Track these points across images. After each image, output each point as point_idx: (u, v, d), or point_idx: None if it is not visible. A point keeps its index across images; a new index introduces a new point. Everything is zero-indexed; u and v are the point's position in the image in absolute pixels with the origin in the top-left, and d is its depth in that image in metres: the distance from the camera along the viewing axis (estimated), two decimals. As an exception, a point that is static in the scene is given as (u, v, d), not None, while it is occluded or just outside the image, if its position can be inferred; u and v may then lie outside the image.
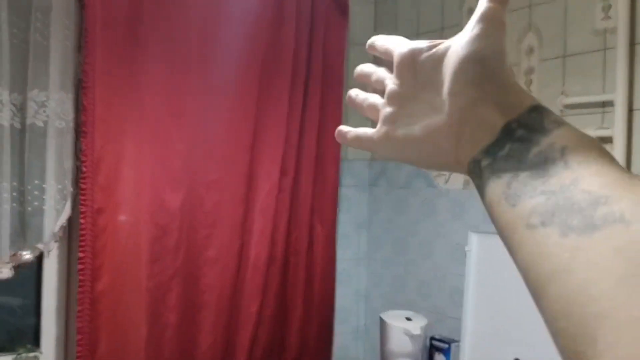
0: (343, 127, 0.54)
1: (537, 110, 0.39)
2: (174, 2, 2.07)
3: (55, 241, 2.04)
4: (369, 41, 0.52)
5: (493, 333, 2.01)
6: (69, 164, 2.05)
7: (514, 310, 1.96)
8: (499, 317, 2.02)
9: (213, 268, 2.15)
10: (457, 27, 2.09)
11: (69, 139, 2.04)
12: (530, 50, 2.01)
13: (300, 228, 2.37)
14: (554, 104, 1.91)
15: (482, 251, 2.09)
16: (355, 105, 0.53)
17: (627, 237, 0.31)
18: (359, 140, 0.52)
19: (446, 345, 2.16)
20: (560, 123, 0.38)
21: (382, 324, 2.19)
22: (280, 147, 2.28)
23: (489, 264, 2.07)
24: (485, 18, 0.42)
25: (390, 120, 0.48)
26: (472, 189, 2.18)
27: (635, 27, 1.72)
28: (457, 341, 2.13)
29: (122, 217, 2.00)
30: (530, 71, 2.01)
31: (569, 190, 0.34)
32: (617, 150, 1.71)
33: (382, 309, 2.37)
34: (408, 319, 2.19)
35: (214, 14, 2.13)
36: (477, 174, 0.40)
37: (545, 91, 1.95)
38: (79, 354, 1.94)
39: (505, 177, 0.38)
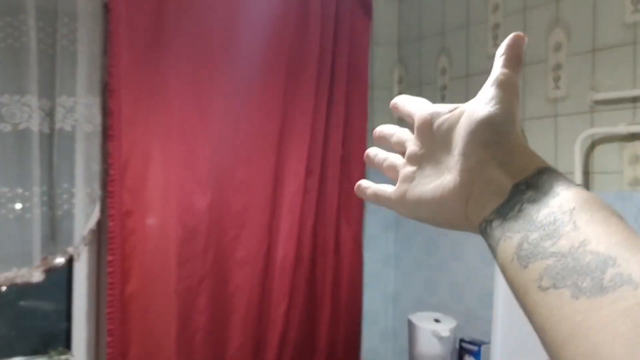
0: (363, 182, 0.56)
1: (546, 172, 0.41)
2: (198, 4, 2.08)
3: (85, 245, 2.06)
4: (392, 101, 0.55)
5: (523, 334, 1.97)
6: (96, 167, 2.06)
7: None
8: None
9: (242, 270, 2.15)
10: (483, 25, 2.08)
11: (97, 142, 2.06)
12: (558, 46, 1.97)
13: (327, 228, 2.35)
14: (584, 100, 1.87)
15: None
16: (374, 164, 0.55)
17: (634, 299, 0.32)
18: (377, 198, 0.54)
19: (476, 348, 2.13)
20: (568, 185, 0.39)
21: (411, 325, 2.17)
22: (305, 147, 2.27)
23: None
24: (498, 83, 0.44)
25: (408, 180, 0.50)
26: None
27: (668, 18, 1.68)
28: (488, 343, 2.10)
29: (151, 220, 2.01)
30: (558, 67, 1.97)
31: (578, 252, 0.35)
32: (651, 145, 1.67)
33: (412, 310, 2.35)
34: (437, 320, 2.16)
35: (239, 15, 2.14)
36: (489, 235, 0.41)
37: (574, 87, 1.91)
38: (109, 357, 1.96)
39: (516, 238, 0.39)
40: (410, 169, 0.50)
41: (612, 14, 1.81)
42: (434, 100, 2.01)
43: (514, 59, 0.45)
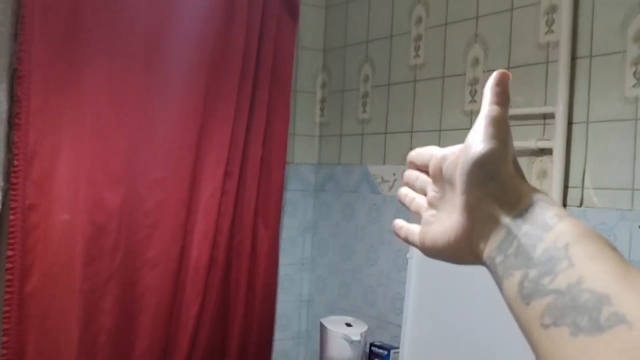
0: (398, 222, 0.59)
1: (539, 205, 0.42)
2: (119, -6, 2.01)
3: (-17, 238, 1.94)
4: (408, 158, 0.59)
5: (432, 340, 2.02)
6: (1, 156, 1.95)
7: (454, 318, 1.97)
8: (438, 324, 2.03)
9: (153, 270, 2.08)
10: (406, 36, 2.11)
11: (1, 130, 1.95)
12: (476, 61, 2.04)
13: (243, 231, 2.33)
14: (498, 115, 1.94)
15: (423, 259, 2.09)
16: (404, 203, 0.59)
17: (629, 340, 0.33)
18: (408, 240, 0.57)
19: (385, 352, 2.16)
20: (561, 217, 0.41)
21: (322, 329, 2.17)
22: (225, 148, 2.24)
23: (429, 272, 2.08)
24: (489, 120, 0.46)
25: (427, 224, 0.53)
26: (416, 196, 2.19)
27: (577, 41, 1.77)
28: (397, 348, 2.13)
29: (56, 215, 1.92)
30: (475, 81, 2.03)
31: (575, 289, 0.36)
32: (556, 161, 1.75)
33: (325, 315, 2.35)
34: (348, 324, 2.18)
35: (162, 10, 2.08)
36: (494, 271, 0.44)
37: (489, 101, 1.97)
38: (4, 358, 1.84)
39: (517, 275, 0.41)
40: (430, 212, 0.53)
41: (528, 33, 1.89)
42: (355, 108, 2.04)
43: (502, 95, 0.47)
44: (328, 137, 2.62)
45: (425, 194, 0.56)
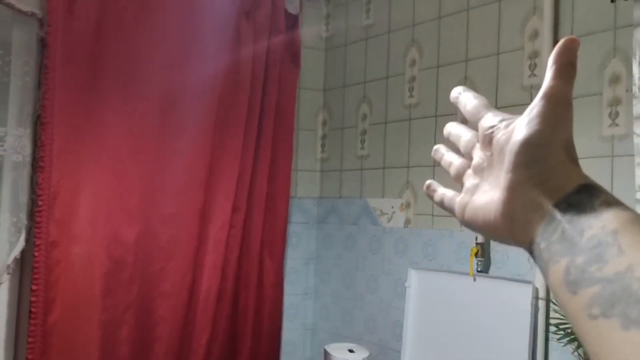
0: (433, 184, 0.55)
1: (586, 189, 0.40)
2: (136, 43, 2.17)
3: (8, 273, 2.07)
4: (454, 94, 0.53)
5: (431, 364, 2.14)
6: (24, 197, 2.09)
7: (451, 343, 2.09)
8: (436, 349, 2.15)
9: (166, 301, 2.21)
10: (401, 77, 2.28)
11: (26, 173, 2.09)
12: (467, 101, 2.19)
13: (250, 262, 2.45)
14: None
15: (420, 287, 2.22)
16: (441, 164, 0.55)
17: None
18: (442, 204, 0.53)
19: (388, 377, 2.27)
20: (609, 203, 0.39)
21: (326, 355, 2.29)
22: (233, 184, 2.38)
23: (427, 299, 2.21)
24: (546, 98, 0.42)
25: (469, 193, 0.49)
26: (412, 228, 2.33)
27: (558, 84, 1.92)
28: (398, 372, 2.24)
29: (77, 251, 2.05)
30: (464, 121, 2.18)
31: (625, 278, 0.35)
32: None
33: (329, 341, 2.47)
34: (351, 350, 2.29)
35: (173, 58, 2.24)
36: (538, 257, 0.41)
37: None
38: (28, 387, 1.96)
39: (563, 262, 0.39)
40: (473, 181, 0.49)
41: (513, 76, 2.05)
42: (354, 144, 2.23)
43: (566, 67, 0.43)
44: (329, 172, 2.77)
45: (467, 156, 0.51)
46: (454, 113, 0.52)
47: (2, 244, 2.04)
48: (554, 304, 1.75)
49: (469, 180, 0.50)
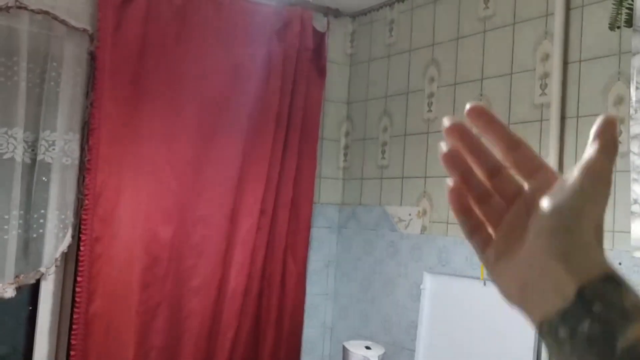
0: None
1: (612, 281, 0.38)
2: (176, 58, 2.36)
3: (56, 266, 2.26)
4: (472, 109, 0.46)
5: (443, 363, 2.28)
6: (71, 196, 2.28)
7: (464, 344, 2.24)
8: (447, 349, 2.29)
9: (196, 296, 2.39)
10: (420, 92, 2.46)
11: (74, 174, 2.28)
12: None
13: (274, 263, 2.62)
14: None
15: (435, 290, 2.37)
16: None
17: None
18: (472, 241, 0.47)
19: (401, 374, 2.41)
20: (637, 303, 0.37)
21: (345, 352, 2.44)
22: (261, 188, 2.56)
23: (441, 301, 2.36)
24: (585, 170, 0.40)
25: (498, 245, 0.44)
26: (429, 234, 2.49)
27: (566, 103, 2.06)
28: (412, 370, 2.39)
29: (117, 246, 2.24)
30: (480, 135, 2.33)
31: None
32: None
33: (347, 340, 2.62)
34: (368, 347, 2.44)
35: (211, 70, 2.43)
36: (553, 339, 0.39)
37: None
38: (71, 369, 2.15)
39: None
40: (501, 233, 0.44)
41: (524, 95, 2.19)
42: (375, 154, 2.45)
43: (610, 144, 0.40)
44: (350, 180, 2.93)
45: (504, 186, 0.45)
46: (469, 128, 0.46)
47: (51, 238, 2.23)
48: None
49: (499, 229, 0.45)
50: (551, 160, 2.04)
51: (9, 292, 2.15)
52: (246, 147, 2.52)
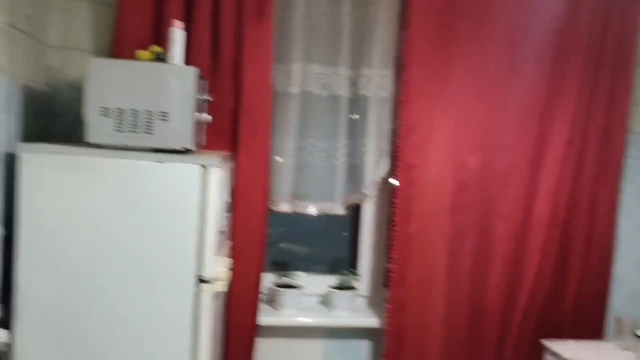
0: None
1: None
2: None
3: (376, 189, 2.56)
4: None
5: None
6: (387, 127, 2.52)
7: None
8: None
9: (504, 222, 2.48)
10: None
11: (389, 107, 2.51)
12: None
13: (582, 193, 2.55)
14: None
15: None
16: None
17: None
18: None
19: None
20: None
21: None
22: (567, 119, 2.49)
23: None
24: None
25: None
26: None
27: None
28: None
29: (430, 173, 2.43)
30: None
31: None
32: None
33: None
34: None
35: (517, 3, 2.41)
36: None
37: None
38: (391, 280, 2.44)
39: None
40: None
41: None
42: None
43: None
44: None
45: None
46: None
47: (370, 165, 2.52)
48: None
49: None
50: None
51: (340, 210, 2.52)
52: (554, 72, 2.47)
